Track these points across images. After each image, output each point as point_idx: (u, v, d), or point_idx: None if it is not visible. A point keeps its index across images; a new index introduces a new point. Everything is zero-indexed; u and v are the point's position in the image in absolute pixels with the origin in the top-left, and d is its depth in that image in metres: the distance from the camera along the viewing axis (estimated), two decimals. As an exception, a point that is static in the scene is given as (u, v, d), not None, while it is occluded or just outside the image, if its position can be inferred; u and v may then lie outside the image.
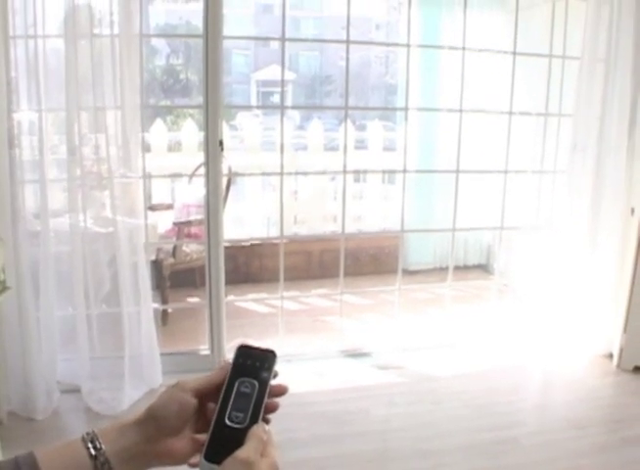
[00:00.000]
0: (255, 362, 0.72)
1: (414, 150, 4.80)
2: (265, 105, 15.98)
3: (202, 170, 3.22)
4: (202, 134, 3.15)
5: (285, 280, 3.56)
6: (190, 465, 0.69)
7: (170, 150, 5.85)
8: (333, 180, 5.82)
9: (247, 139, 6.13)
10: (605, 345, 3.58)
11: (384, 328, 3.94)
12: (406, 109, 3.80)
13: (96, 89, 2.80)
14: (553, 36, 3.68)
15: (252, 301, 4.45)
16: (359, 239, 5.26)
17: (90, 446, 0.69)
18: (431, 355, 3.64)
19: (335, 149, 6.39)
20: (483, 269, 5.37)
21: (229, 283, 3.43)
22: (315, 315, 4.31)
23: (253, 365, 0.72)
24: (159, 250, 4.01)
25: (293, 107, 14.07)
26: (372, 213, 6.00)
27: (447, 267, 3.96)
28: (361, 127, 7.33)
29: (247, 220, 5.86)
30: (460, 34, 3.59)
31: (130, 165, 3.00)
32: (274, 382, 0.73)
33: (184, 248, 4.14)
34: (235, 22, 14.14)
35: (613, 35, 3.31)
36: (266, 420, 0.71)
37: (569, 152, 3.52)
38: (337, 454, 2.67)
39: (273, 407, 0.72)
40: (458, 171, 3.73)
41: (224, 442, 0.67)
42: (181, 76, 14.30)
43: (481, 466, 2.62)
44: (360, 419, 2.96)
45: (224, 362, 0.74)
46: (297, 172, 5.66)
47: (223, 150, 3.11)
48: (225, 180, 3.68)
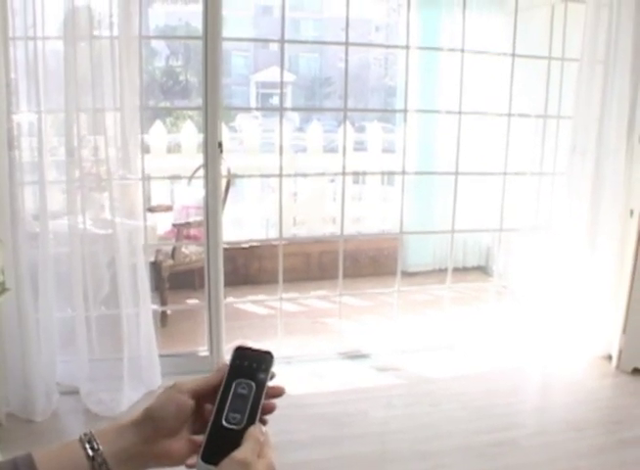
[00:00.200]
0: (252, 364, 0.73)
1: (413, 151, 4.81)
2: (264, 107, 15.97)
3: (201, 172, 3.22)
4: (201, 136, 3.15)
5: (284, 282, 3.56)
6: (187, 466, 0.69)
7: (170, 151, 5.85)
8: (332, 182, 5.82)
9: (246, 141, 6.14)
10: (604, 346, 3.58)
11: (383, 330, 3.94)
12: (405, 111, 3.80)
13: (95, 91, 2.80)
14: (552, 38, 3.70)
15: (251, 302, 4.45)
16: (358, 241, 5.26)
17: (88, 447, 0.69)
18: (429, 357, 3.64)
19: (334, 150, 6.41)
20: (482, 271, 5.38)
21: (228, 285, 3.43)
22: (314, 317, 4.31)
23: (250, 366, 0.72)
24: (158, 251, 4.01)
25: (291, 109, 14.09)
26: (371, 215, 6.00)
27: (446, 269, 3.96)
28: (360, 129, 7.34)
29: (246, 222, 5.87)
30: (459, 36, 3.60)
31: (129, 167, 3.00)
32: (271, 383, 0.73)
33: (183, 249, 4.14)
34: (235, 23, 14.16)
35: (612, 37, 3.31)
36: (263, 421, 0.71)
37: (568, 154, 3.53)
38: (336, 456, 2.67)
39: (270, 408, 0.72)
40: (457, 173, 3.74)
41: (221, 443, 0.67)
42: (180, 78, 14.33)
43: (480, 468, 2.62)
44: (359, 421, 2.96)
45: (222, 364, 0.74)
46: (296, 174, 5.67)
47: (222, 152, 3.11)
48: (224, 182, 3.68)
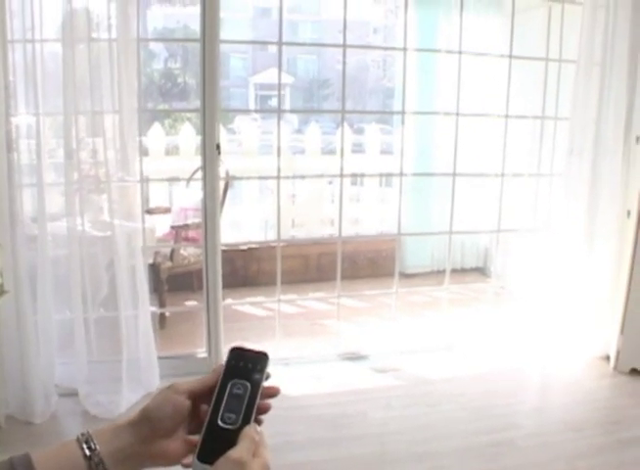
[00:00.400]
0: (248, 364, 0.73)
1: (411, 153, 4.81)
2: (263, 109, 15.97)
3: (199, 174, 3.23)
4: (199, 138, 3.15)
5: (282, 283, 3.57)
6: (183, 466, 0.69)
7: (168, 154, 5.87)
8: (330, 184, 5.83)
9: (244, 143, 6.15)
10: (602, 347, 3.59)
11: (381, 331, 3.94)
12: (403, 112, 3.81)
13: (94, 93, 2.80)
14: (549, 40, 3.71)
15: (250, 304, 4.46)
16: (356, 242, 5.27)
17: (85, 447, 0.70)
18: (428, 358, 3.65)
19: (332, 152, 6.42)
20: (481, 272, 5.38)
21: (227, 286, 3.43)
22: (313, 319, 4.31)
23: (246, 367, 0.73)
24: (156, 253, 4.02)
25: (289, 110, 14.10)
26: (369, 217, 6.01)
27: (445, 270, 3.97)
28: (359, 131, 7.36)
29: (244, 224, 5.87)
30: (457, 38, 3.60)
31: (128, 169, 3.00)
32: (266, 383, 0.73)
33: (181, 251, 4.14)
34: (233, 25, 14.16)
35: (608, 39, 3.32)
36: (258, 421, 0.72)
37: (565, 155, 3.53)
38: (334, 457, 2.67)
39: (265, 408, 0.73)
40: (455, 174, 3.74)
41: (217, 442, 0.67)
42: (179, 80, 14.33)
43: (478, 468, 2.62)
44: (357, 422, 2.96)
45: (218, 365, 0.75)
46: (294, 176, 5.68)
47: (220, 154, 3.12)
48: (222, 184, 3.69)
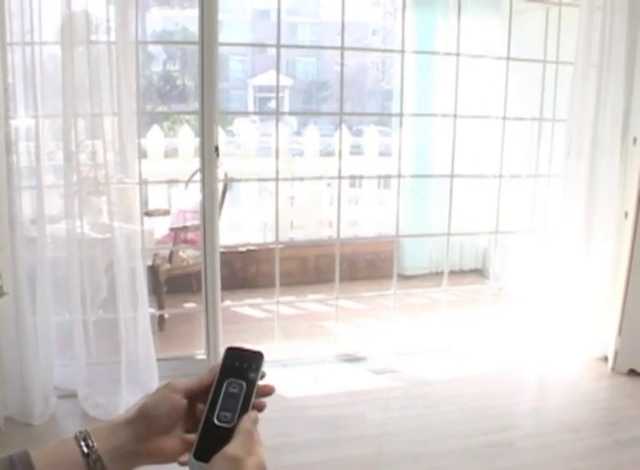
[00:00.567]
0: (243, 364, 0.74)
1: (410, 155, 4.83)
2: (261, 111, 15.98)
3: (198, 176, 3.24)
4: (198, 140, 3.16)
5: (281, 285, 3.57)
6: (180, 463, 0.71)
7: (167, 156, 5.88)
8: (329, 186, 5.84)
9: (243, 145, 6.16)
10: (600, 348, 3.60)
11: (379, 333, 3.95)
12: (401, 114, 3.82)
13: (93, 96, 2.81)
14: (547, 42, 3.72)
15: (249, 306, 4.47)
16: (355, 244, 5.27)
17: (83, 445, 0.71)
18: (426, 360, 3.65)
19: (331, 154, 6.43)
20: (479, 274, 5.39)
21: (226, 288, 3.44)
22: (311, 320, 4.32)
23: (242, 366, 0.74)
24: (155, 255, 4.02)
25: (287, 113, 14.11)
26: (368, 219, 6.02)
27: (443, 272, 3.98)
28: (358, 133, 7.37)
29: (243, 226, 5.88)
30: (455, 40, 3.62)
31: (127, 171, 3.00)
32: (261, 382, 0.74)
33: (180, 253, 4.15)
34: (232, 27, 14.19)
35: (605, 41, 3.33)
36: None
37: (563, 156, 3.54)
38: (332, 458, 2.67)
39: (260, 407, 0.74)
40: (452, 176, 3.75)
41: (213, 440, 0.68)
42: (178, 82, 14.34)
43: (476, 469, 2.63)
44: (356, 423, 2.97)
45: (214, 364, 0.76)
46: (292, 178, 5.69)
47: (219, 156, 3.13)
48: (221, 186, 3.70)
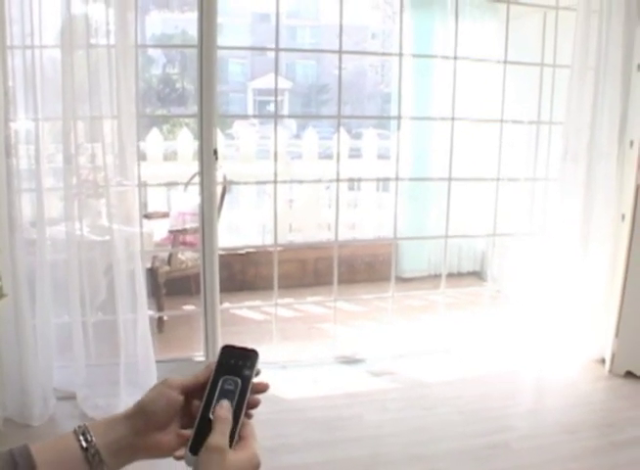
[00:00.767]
0: (239, 361, 0.76)
1: (408, 158, 4.85)
2: (261, 114, 16.01)
3: (197, 179, 3.25)
4: (197, 143, 3.18)
5: (280, 288, 3.58)
6: (175, 458, 0.73)
7: (166, 159, 5.91)
8: (328, 189, 5.85)
9: (243, 148, 6.18)
10: (597, 350, 3.61)
11: (378, 335, 3.96)
12: (399, 117, 3.85)
13: (92, 99, 2.82)
14: (544, 45, 3.74)
15: (247, 308, 4.47)
16: (354, 247, 5.29)
17: (81, 439, 0.73)
18: (424, 362, 3.67)
19: (330, 157, 6.44)
20: (478, 276, 5.40)
21: (225, 291, 3.45)
22: (310, 322, 4.33)
23: (237, 364, 0.76)
24: (154, 257, 4.04)
25: (286, 116, 14.13)
26: (367, 221, 6.03)
27: (441, 275, 3.99)
28: (357, 136, 7.38)
29: (243, 228, 5.89)
30: (453, 43, 3.63)
31: (126, 174, 3.01)
32: (256, 379, 0.76)
33: (179, 256, 4.16)
34: (232, 31, 14.22)
35: (602, 44, 3.35)
36: (249, 415, 0.75)
37: (560, 159, 3.56)
38: (330, 460, 2.69)
39: (255, 403, 0.76)
40: (450, 179, 3.77)
41: (208, 436, 0.70)
42: (177, 86, 14.37)
43: (473, 470, 2.65)
44: (354, 425, 2.98)
45: (210, 362, 0.78)
46: (291, 180, 5.70)
47: (217, 159, 3.14)
48: (220, 189, 3.71)
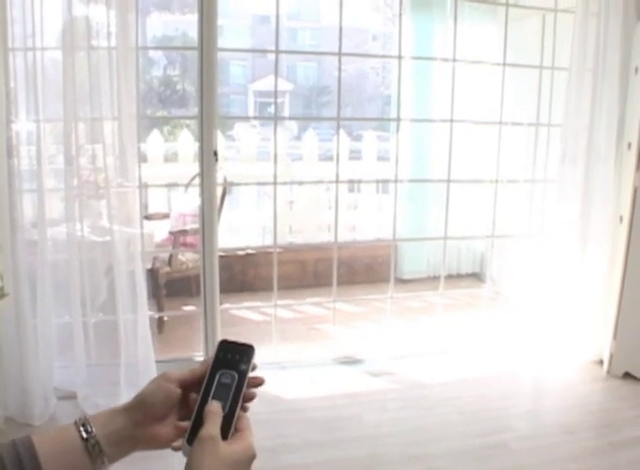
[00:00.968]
0: (235, 356, 0.78)
1: (408, 160, 4.87)
2: (262, 115, 16.02)
3: (197, 180, 3.27)
4: (197, 145, 3.19)
5: (280, 289, 3.60)
6: (173, 448, 0.75)
7: (167, 160, 5.92)
8: (328, 190, 5.87)
9: (243, 149, 6.19)
10: (595, 351, 3.63)
11: (377, 336, 3.98)
12: (398, 119, 3.86)
13: (93, 100, 2.84)
14: (543, 47, 3.76)
15: (247, 309, 4.49)
16: (353, 248, 5.30)
17: (82, 430, 0.75)
18: (423, 362, 3.68)
19: (330, 159, 6.45)
20: (477, 278, 5.41)
21: (225, 291, 3.47)
22: (309, 323, 4.35)
23: (234, 358, 0.78)
24: (155, 258, 4.06)
25: (286, 117, 14.12)
26: (366, 223, 6.05)
27: (440, 276, 4.01)
28: (358, 138, 7.39)
29: (243, 229, 5.91)
30: (452, 46, 3.65)
31: (127, 175, 3.03)
32: (252, 374, 0.78)
33: (180, 256, 4.18)
34: (233, 32, 14.24)
35: (600, 47, 3.37)
36: (245, 408, 0.77)
37: (558, 161, 3.58)
38: (329, 459, 2.70)
39: (251, 397, 0.78)
40: (449, 181, 3.79)
41: None
42: (178, 87, 14.39)
43: (472, 470, 2.66)
44: (352, 425, 3.00)
45: (208, 357, 0.80)
46: (291, 182, 5.72)
47: (218, 160, 3.16)
48: (220, 190, 3.72)
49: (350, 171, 6.06)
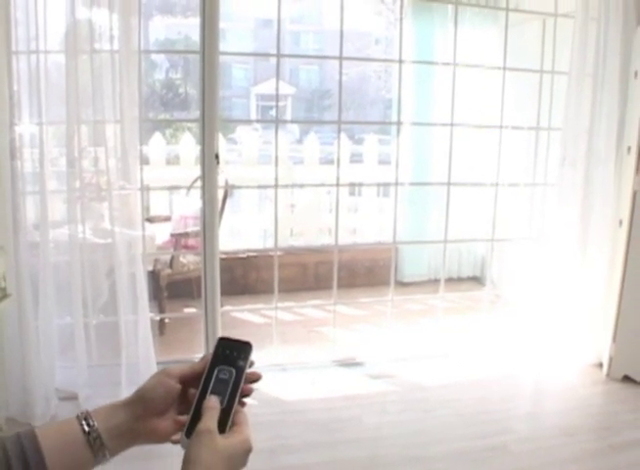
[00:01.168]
0: (233, 352, 0.80)
1: (409, 163, 4.88)
2: (264, 119, 16.06)
3: (199, 183, 3.28)
4: (199, 148, 3.21)
5: (281, 291, 3.61)
6: (172, 442, 0.78)
7: (169, 163, 5.94)
8: (329, 193, 5.89)
9: (245, 152, 6.22)
10: (595, 354, 3.64)
11: (377, 338, 3.99)
12: (398, 123, 3.88)
13: (96, 103, 2.86)
14: (544, 52, 3.77)
15: (248, 311, 4.50)
16: (354, 251, 5.31)
17: (84, 423, 0.76)
18: (423, 365, 3.69)
19: (332, 162, 6.48)
20: (477, 281, 5.42)
21: (226, 294, 3.48)
22: (310, 326, 4.36)
23: (232, 355, 0.80)
24: (156, 261, 4.07)
25: (288, 121, 14.16)
26: (367, 226, 6.06)
27: (441, 279, 4.02)
28: (359, 141, 7.41)
29: (244, 232, 5.93)
30: (453, 50, 3.67)
31: (129, 178, 3.05)
32: (249, 370, 0.80)
33: (181, 259, 4.19)
34: (235, 36, 14.29)
35: (600, 51, 3.38)
36: (242, 403, 0.79)
37: (558, 165, 3.59)
38: (329, 461, 2.71)
39: (248, 392, 0.80)
40: (449, 184, 3.80)
41: None
42: (180, 90, 14.43)
43: (471, 472, 2.67)
44: (352, 426, 3.01)
45: (207, 354, 0.82)
46: (293, 185, 5.74)
47: (219, 163, 3.17)
48: (222, 193, 3.74)
49: (351, 175, 6.09)
